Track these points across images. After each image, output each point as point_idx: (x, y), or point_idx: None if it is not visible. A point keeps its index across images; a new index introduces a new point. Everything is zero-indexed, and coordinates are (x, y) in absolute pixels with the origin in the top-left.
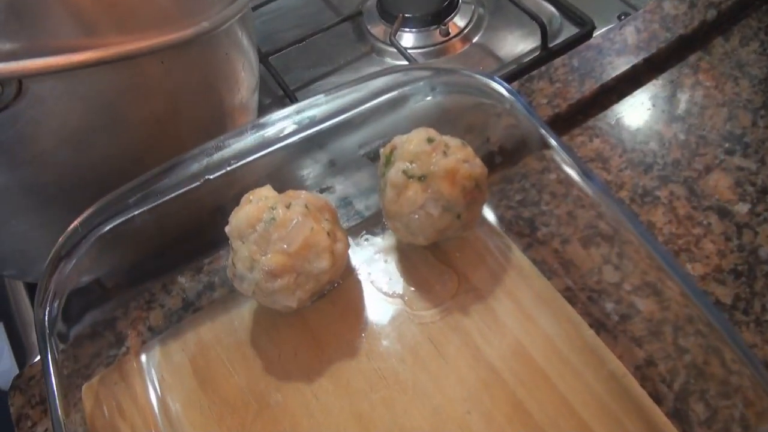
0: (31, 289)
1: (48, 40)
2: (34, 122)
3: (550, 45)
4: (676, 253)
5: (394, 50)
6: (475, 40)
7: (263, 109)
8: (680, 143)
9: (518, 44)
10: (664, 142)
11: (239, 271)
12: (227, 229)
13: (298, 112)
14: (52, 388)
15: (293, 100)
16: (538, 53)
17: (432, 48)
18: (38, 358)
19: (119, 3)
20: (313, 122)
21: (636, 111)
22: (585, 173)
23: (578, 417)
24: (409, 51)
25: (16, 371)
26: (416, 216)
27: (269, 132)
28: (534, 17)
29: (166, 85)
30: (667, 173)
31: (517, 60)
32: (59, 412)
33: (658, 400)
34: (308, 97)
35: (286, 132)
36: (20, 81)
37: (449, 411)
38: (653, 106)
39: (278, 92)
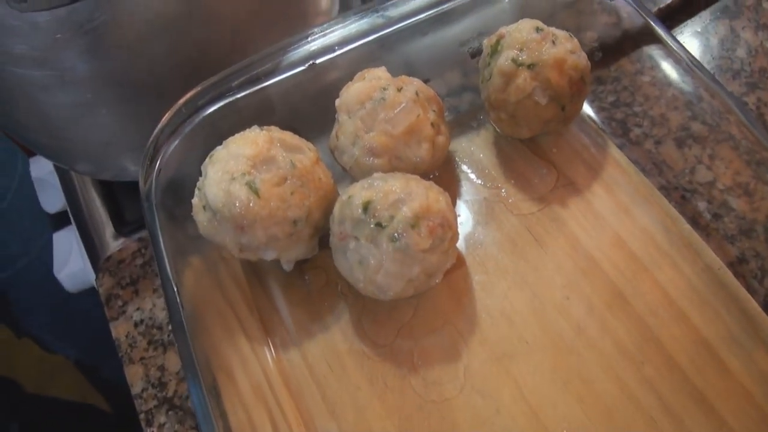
0: (103, 189)
1: None
2: (126, 9)
3: None
4: None
5: None
6: None
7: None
8: (767, 51)
9: None
10: (751, 50)
11: (341, 144)
12: (337, 102)
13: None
14: (161, 250)
15: None
16: None
17: None
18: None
19: None
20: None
21: (722, 17)
22: (693, 64)
23: (676, 306)
24: None
25: (90, 272)
26: (523, 104)
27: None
28: None
29: None
30: (755, 80)
31: None
32: (169, 271)
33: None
34: None
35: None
36: None
37: (548, 296)
38: (740, 13)
39: None
